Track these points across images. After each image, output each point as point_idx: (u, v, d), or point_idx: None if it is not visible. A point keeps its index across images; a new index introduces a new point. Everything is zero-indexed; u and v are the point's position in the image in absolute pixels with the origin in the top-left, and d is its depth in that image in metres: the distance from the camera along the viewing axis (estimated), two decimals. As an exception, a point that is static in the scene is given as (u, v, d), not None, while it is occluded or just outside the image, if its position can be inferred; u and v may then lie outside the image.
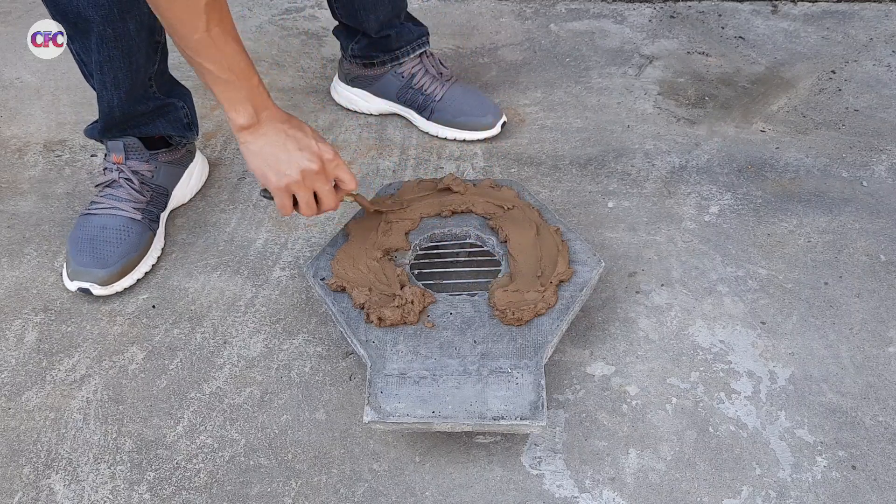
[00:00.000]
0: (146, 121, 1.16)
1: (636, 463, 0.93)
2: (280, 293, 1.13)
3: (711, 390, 1.00)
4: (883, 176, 1.30)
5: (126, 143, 1.15)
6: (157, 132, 1.18)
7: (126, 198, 1.15)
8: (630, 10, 1.72)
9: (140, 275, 1.14)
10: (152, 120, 1.17)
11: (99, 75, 1.07)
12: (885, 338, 1.05)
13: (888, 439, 0.94)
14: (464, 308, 0.97)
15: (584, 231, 1.20)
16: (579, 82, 1.52)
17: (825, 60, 1.56)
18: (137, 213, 1.14)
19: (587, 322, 1.08)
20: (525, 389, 0.88)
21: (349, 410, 0.98)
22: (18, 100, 1.50)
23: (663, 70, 1.55)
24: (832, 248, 1.18)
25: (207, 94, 1.49)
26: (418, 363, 0.91)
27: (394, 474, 0.92)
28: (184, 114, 1.21)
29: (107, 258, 1.09)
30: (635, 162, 1.33)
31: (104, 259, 1.09)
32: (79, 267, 1.09)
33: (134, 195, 1.15)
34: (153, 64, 1.13)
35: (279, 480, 0.91)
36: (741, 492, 0.90)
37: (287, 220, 1.23)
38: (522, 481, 0.91)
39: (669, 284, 1.13)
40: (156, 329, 1.08)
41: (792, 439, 0.95)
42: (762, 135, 1.39)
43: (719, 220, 1.22)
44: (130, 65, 1.07)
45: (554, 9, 1.73)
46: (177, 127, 1.21)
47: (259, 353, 1.05)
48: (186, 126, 1.22)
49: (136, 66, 1.08)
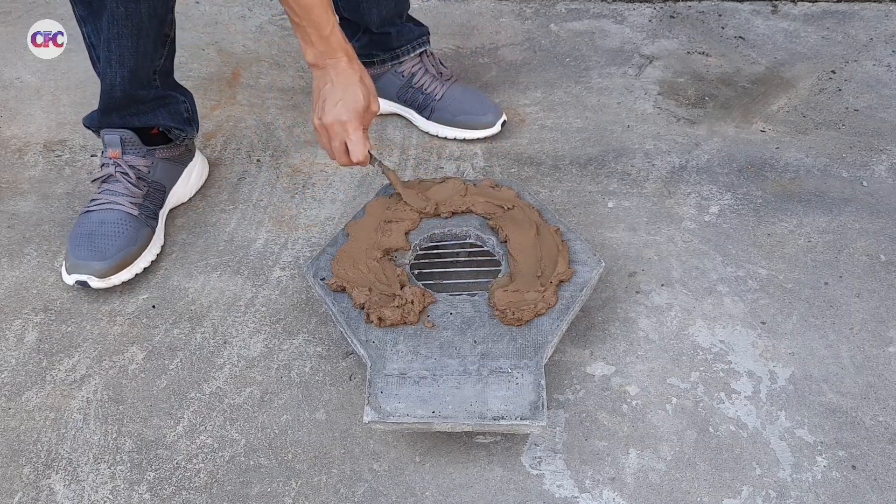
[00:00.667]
0: (146, 109, 1.17)
1: (636, 463, 0.93)
2: (280, 293, 1.13)
3: (711, 390, 1.00)
4: (883, 176, 1.30)
5: (123, 137, 1.15)
6: (156, 122, 1.18)
7: (123, 192, 1.15)
8: (630, 10, 1.72)
9: (139, 269, 1.14)
10: (153, 109, 1.18)
11: (105, 53, 1.09)
12: (885, 338, 1.05)
13: (888, 439, 0.94)
14: (464, 308, 0.97)
15: (584, 231, 1.20)
16: (579, 82, 1.52)
17: (825, 60, 1.56)
18: (135, 209, 1.15)
19: (587, 322, 1.08)
20: (525, 389, 0.88)
21: (349, 410, 0.98)
22: (18, 100, 1.50)
23: (663, 70, 1.55)
24: (832, 248, 1.18)
25: (208, 94, 1.49)
26: (418, 363, 0.91)
27: (394, 474, 0.92)
28: (185, 108, 1.22)
29: (104, 251, 1.09)
30: (635, 162, 1.34)
31: (102, 252, 1.09)
32: (77, 260, 1.09)
33: (131, 189, 1.15)
34: (160, 57, 1.14)
35: (279, 480, 0.91)
36: (741, 492, 0.90)
37: (287, 220, 1.24)
38: (522, 481, 0.91)
39: (669, 284, 1.13)
40: (156, 329, 1.08)
41: (792, 439, 0.95)
42: (762, 135, 1.39)
43: (719, 220, 1.22)
44: (137, 47, 1.09)
45: (554, 9, 1.73)
46: (177, 119, 1.21)
47: (259, 353, 1.05)
48: (186, 121, 1.23)
49: (142, 50, 1.10)
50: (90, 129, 1.21)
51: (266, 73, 1.54)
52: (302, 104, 1.47)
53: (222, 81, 1.53)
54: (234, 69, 1.56)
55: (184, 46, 1.60)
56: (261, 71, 1.55)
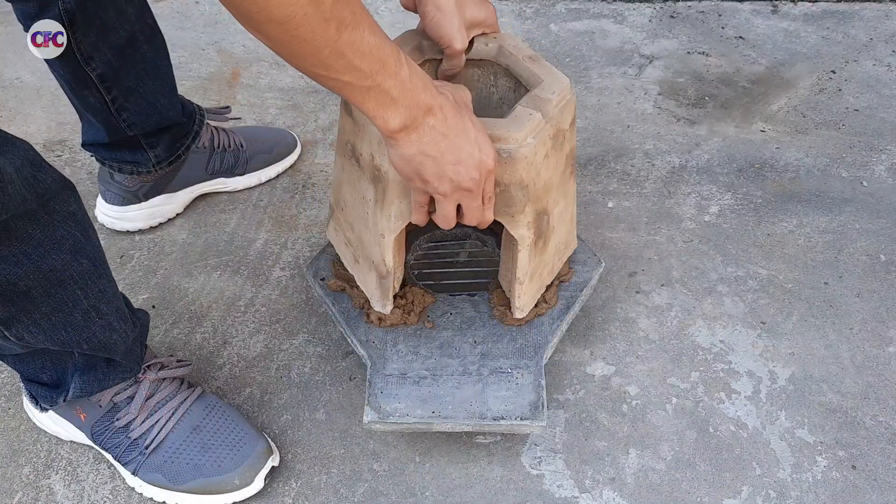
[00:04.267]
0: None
1: (636, 463, 0.93)
2: (280, 293, 1.12)
3: (711, 390, 1.00)
4: (883, 176, 1.30)
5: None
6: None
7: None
8: (630, 10, 1.72)
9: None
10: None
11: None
12: (885, 338, 1.05)
13: (888, 439, 0.94)
14: (464, 308, 0.97)
15: (584, 231, 1.20)
16: (579, 82, 1.52)
17: (825, 60, 1.56)
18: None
19: (587, 322, 1.07)
20: (525, 389, 0.88)
21: (349, 410, 0.98)
22: (18, 100, 1.50)
23: (663, 70, 1.55)
24: (832, 248, 1.18)
25: (208, 94, 1.49)
26: (418, 363, 0.91)
27: (394, 474, 0.92)
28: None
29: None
30: (635, 162, 1.33)
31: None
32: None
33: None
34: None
35: (279, 480, 0.91)
36: (741, 492, 0.90)
37: (287, 220, 1.23)
38: (522, 481, 0.91)
39: (669, 284, 1.13)
40: (156, 329, 1.08)
41: (792, 439, 0.95)
42: (762, 135, 1.39)
43: (719, 220, 1.22)
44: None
45: (554, 9, 1.73)
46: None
47: (259, 353, 1.05)
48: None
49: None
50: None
51: (266, 73, 1.54)
52: (302, 104, 1.47)
53: (222, 81, 1.53)
54: (233, 69, 1.56)
55: (184, 46, 1.60)
56: (261, 71, 1.55)
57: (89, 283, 0.81)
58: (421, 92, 0.69)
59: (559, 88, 0.83)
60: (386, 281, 0.89)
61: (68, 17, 0.96)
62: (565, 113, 0.85)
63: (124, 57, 1.04)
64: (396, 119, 0.69)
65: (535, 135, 0.80)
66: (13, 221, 0.72)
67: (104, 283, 0.83)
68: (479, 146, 0.73)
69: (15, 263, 0.73)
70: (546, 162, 0.83)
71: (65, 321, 0.79)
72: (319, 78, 0.65)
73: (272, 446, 0.91)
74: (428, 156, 0.71)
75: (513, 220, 0.83)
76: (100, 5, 0.99)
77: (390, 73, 0.66)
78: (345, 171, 0.89)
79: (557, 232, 0.92)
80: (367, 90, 0.66)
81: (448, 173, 0.73)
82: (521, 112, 0.80)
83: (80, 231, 0.80)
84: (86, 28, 0.99)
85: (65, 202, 0.78)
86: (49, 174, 0.75)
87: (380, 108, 0.67)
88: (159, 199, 1.21)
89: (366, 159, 0.83)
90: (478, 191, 0.76)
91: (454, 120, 0.71)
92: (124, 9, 1.02)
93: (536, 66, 0.86)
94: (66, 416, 0.91)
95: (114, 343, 0.84)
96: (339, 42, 0.62)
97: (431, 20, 0.83)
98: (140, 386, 0.89)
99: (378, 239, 0.86)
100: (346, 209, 0.92)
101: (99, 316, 0.82)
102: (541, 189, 0.83)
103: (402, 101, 0.68)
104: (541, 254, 0.90)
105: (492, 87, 0.92)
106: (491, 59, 0.89)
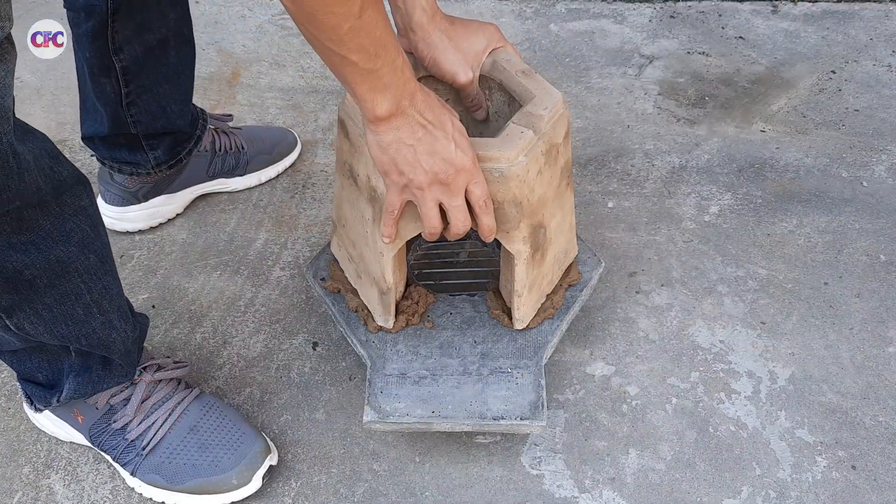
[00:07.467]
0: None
1: (636, 463, 0.93)
2: (280, 293, 1.12)
3: (711, 390, 1.00)
4: (883, 176, 1.30)
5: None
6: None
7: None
8: (630, 10, 1.72)
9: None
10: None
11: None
12: (885, 338, 1.05)
13: (888, 439, 0.94)
14: (464, 308, 0.97)
15: (584, 231, 1.20)
16: (579, 82, 1.52)
17: (825, 60, 1.56)
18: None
19: (587, 322, 1.07)
20: (525, 389, 0.88)
21: (349, 410, 0.98)
22: (18, 100, 1.49)
23: (663, 70, 1.55)
24: (832, 248, 1.18)
25: (208, 94, 1.49)
26: (418, 363, 0.91)
27: (394, 474, 0.92)
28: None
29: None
30: (635, 162, 1.33)
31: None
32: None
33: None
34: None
35: (279, 480, 0.91)
36: (741, 492, 0.90)
37: (287, 220, 1.23)
38: (522, 481, 0.91)
39: (669, 284, 1.13)
40: (156, 329, 1.08)
41: (792, 439, 0.95)
42: (762, 135, 1.39)
43: (719, 220, 1.22)
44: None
45: (554, 9, 1.73)
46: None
47: (259, 353, 1.05)
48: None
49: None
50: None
51: (266, 73, 1.54)
52: (302, 104, 1.47)
53: (222, 81, 1.53)
54: (233, 69, 1.56)
55: (184, 46, 1.60)
56: (261, 71, 1.55)
57: (94, 278, 0.81)
58: (409, 81, 0.72)
59: (551, 104, 0.83)
60: (387, 297, 0.90)
61: (114, 4, 0.99)
62: (558, 128, 0.85)
63: (152, 57, 1.06)
64: (384, 105, 0.70)
65: (527, 153, 0.80)
66: (25, 210, 0.73)
67: (109, 280, 0.83)
68: (455, 142, 0.74)
69: (23, 252, 0.74)
70: (540, 178, 0.83)
71: (66, 314, 0.79)
72: (327, 53, 0.67)
73: (270, 445, 0.91)
74: (404, 143, 0.73)
75: (508, 235, 0.84)
76: (146, 4, 1.01)
77: (390, 58, 0.68)
78: (344, 189, 0.90)
79: (555, 243, 0.92)
80: (368, 73, 0.68)
81: (422, 163, 0.74)
82: (512, 130, 0.80)
83: (90, 226, 0.80)
84: (126, 20, 1.01)
85: (77, 196, 0.79)
86: (66, 167, 0.77)
87: (372, 91, 0.69)
88: (159, 199, 1.21)
89: (363, 180, 0.84)
90: (456, 188, 0.76)
91: (434, 113, 0.74)
92: (167, 13, 1.04)
93: (529, 81, 0.86)
94: (64, 418, 0.91)
95: (113, 342, 0.84)
96: (361, 19, 0.64)
97: (430, 61, 0.86)
98: (136, 388, 0.89)
99: (377, 256, 0.86)
100: (347, 226, 0.93)
101: (100, 312, 0.82)
102: (536, 204, 0.84)
103: (393, 88, 0.70)
104: (539, 266, 0.90)
105: (487, 102, 0.93)
106: (485, 74, 0.90)
